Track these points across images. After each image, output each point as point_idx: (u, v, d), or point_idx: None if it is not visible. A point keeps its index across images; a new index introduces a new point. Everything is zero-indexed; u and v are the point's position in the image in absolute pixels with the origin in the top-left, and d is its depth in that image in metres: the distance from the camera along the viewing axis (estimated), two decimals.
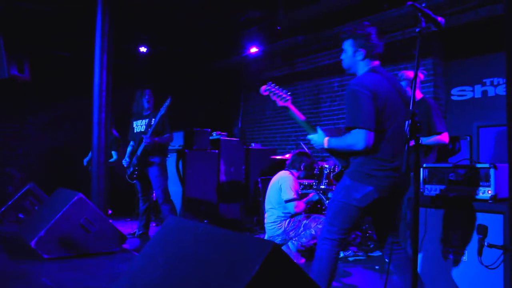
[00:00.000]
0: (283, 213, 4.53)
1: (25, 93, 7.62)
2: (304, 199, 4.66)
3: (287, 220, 4.53)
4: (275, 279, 1.64)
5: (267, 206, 4.70)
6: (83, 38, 6.73)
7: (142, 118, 5.39)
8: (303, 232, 4.45)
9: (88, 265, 4.07)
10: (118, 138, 7.10)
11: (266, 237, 4.71)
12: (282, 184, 4.54)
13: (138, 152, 5.19)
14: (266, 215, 4.72)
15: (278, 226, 4.54)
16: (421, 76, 4.43)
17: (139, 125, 5.39)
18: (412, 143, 2.17)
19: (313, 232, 4.41)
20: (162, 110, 5.08)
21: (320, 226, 4.42)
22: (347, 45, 2.75)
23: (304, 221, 4.48)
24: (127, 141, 5.61)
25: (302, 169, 4.71)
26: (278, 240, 4.55)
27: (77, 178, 7.04)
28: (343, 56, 2.81)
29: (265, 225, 4.73)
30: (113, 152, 6.97)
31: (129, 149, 5.50)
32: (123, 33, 6.96)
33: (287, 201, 4.46)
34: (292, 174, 4.66)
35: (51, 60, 7.77)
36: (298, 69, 8.19)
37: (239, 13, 6.68)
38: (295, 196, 4.47)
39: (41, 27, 7.04)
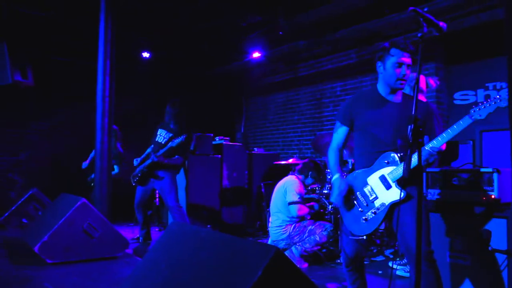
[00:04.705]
0: (288, 217, 4.54)
1: (28, 99, 7.64)
2: (307, 205, 4.67)
3: (293, 225, 4.53)
4: (277, 284, 1.64)
5: (272, 210, 4.71)
6: (86, 44, 6.75)
7: (167, 129, 5.31)
8: (307, 238, 4.45)
9: (91, 270, 4.08)
10: (121, 153, 7.06)
11: (270, 241, 4.71)
12: (287, 187, 4.59)
13: (146, 163, 5.19)
14: (271, 219, 4.73)
15: (283, 230, 4.54)
16: (433, 84, 4.39)
17: (162, 135, 5.31)
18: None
19: (317, 238, 4.41)
20: (183, 138, 4.98)
21: (325, 233, 4.41)
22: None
23: (310, 227, 4.48)
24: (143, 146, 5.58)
25: (309, 176, 4.74)
26: (282, 245, 4.54)
27: (79, 183, 7.04)
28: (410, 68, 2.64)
29: (269, 229, 4.73)
30: (115, 166, 6.92)
31: (147, 151, 5.48)
32: (126, 39, 6.99)
33: (290, 203, 4.49)
34: (298, 178, 4.69)
35: (54, 65, 7.80)
36: (300, 74, 8.20)
37: (241, 19, 6.69)
38: (298, 200, 4.50)
39: (44, 33, 7.07)
